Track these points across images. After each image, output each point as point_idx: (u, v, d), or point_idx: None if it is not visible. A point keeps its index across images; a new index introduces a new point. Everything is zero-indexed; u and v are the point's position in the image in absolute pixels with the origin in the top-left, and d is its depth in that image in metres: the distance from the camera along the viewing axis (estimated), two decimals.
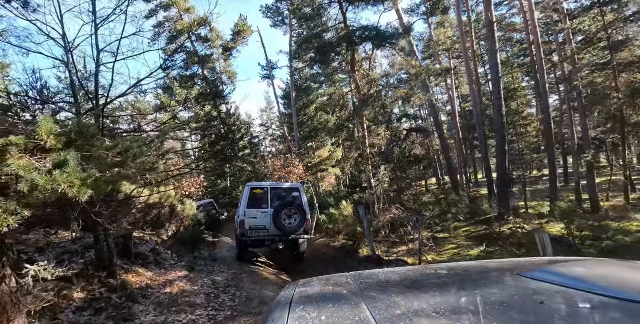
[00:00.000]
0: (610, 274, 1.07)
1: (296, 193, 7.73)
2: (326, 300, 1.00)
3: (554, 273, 1.04)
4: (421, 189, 15.11)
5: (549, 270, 1.12)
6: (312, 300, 1.01)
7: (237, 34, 22.66)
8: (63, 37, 5.36)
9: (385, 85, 12.53)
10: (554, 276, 0.98)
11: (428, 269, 1.45)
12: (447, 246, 9.05)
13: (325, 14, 16.27)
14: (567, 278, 0.96)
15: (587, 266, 1.24)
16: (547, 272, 1.06)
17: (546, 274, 1.02)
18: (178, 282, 5.37)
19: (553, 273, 1.03)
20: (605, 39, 11.13)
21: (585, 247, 8.10)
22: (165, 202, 9.33)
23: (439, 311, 0.80)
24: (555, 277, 0.97)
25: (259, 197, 7.49)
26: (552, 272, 1.06)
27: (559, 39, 17.03)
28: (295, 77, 24.45)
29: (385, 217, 7.83)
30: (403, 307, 0.85)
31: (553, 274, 1.02)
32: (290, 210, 7.28)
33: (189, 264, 6.71)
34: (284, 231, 7.09)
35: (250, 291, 5.12)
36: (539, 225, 10.48)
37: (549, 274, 1.02)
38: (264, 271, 6.89)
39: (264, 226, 7.25)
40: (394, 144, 10.65)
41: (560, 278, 0.96)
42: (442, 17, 23.94)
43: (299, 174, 17.14)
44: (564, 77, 15.58)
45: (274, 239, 7.26)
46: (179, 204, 9.30)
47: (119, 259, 5.47)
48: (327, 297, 1.04)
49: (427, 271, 1.39)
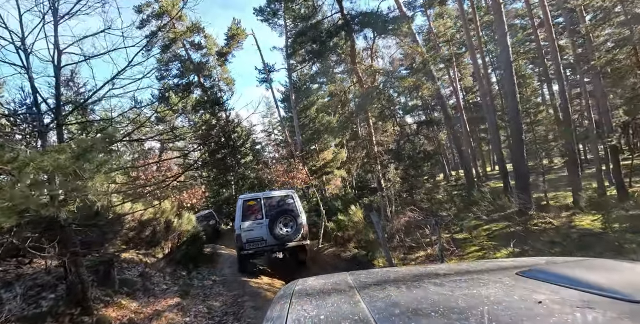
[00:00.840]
0: (610, 274, 1.06)
1: (290, 200, 7.69)
2: (325, 299, 1.00)
3: (553, 272, 1.04)
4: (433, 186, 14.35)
5: (548, 270, 1.11)
6: (311, 299, 1.02)
7: (231, 38, 22.09)
8: (22, 40, 4.73)
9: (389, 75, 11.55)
10: (553, 276, 0.98)
11: (427, 269, 1.45)
12: (469, 248, 8.20)
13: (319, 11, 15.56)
14: (567, 277, 0.95)
15: (586, 266, 1.23)
16: (546, 272, 1.06)
17: (545, 274, 1.02)
18: (167, 312, 4.63)
19: (552, 273, 1.03)
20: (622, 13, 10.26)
21: (626, 241, 7.19)
22: (161, 217, 8.66)
23: (437, 311, 0.81)
24: (555, 277, 0.96)
25: (253, 208, 7.47)
26: (551, 272, 1.06)
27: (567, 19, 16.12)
28: (294, 79, 23.80)
29: (399, 220, 7.05)
30: (402, 306, 0.85)
31: (552, 274, 1.02)
32: (285, 218, 7.23)
33: (183, 287, 5.97)
34: (281, 240, 7.07)
35: (250, 321, 4.36)
36: (567, 218, 9.58)
37: (548, 274, 1.02)
38: (268, 290, 6.13)
39: (260, 237, 7.20)
40: (405, 139, 9.76)
41: (559, 277, 0.96)
42: (440, 8, 23.21)
43: (303, 179, 16.41)
44: (576, 59, 14.65)
45: (272, 249, 7.24)
46: (175, 219, 8.61)
47: (99, 289, 4.75)
48: (327, 296, 1.04)
49: (426, 270, 1.39)
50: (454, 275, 1.23)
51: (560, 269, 1.14)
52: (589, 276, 0.99)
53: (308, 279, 1.31)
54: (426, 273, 1.32)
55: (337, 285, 1.15)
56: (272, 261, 8.50)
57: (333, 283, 1.19)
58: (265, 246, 7.17)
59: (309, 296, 1.06)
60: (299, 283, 1.25)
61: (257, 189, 18.41)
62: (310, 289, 1.15)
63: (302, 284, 1.23)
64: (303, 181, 16.64)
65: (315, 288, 1.17)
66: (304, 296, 1.06)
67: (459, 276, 1.20)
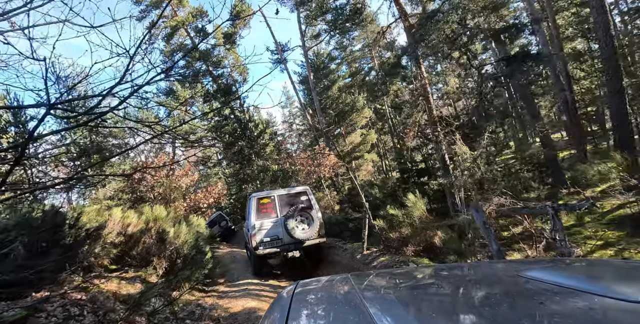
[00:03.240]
0: (611, 274, 1.04)
1: (304, 197, 7.43)
2: (326, 300, 1.00)
3: (554, 273, 1.02)
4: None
5: (548, 270, 1.08)
6: (312, 300, 1.01)
7: (237, 17, 19.83)
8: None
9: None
10: (553, 276, 0.95)
11: (428, 269, 1.44)
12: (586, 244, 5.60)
13: None
14: (567, 278, 0.94)
15: (587, 266, 1.22)
16: (547, 272, 1.03)
17: (546, 274, 0.99)
18: None
19: (553, 273, 1.00)
20: None
21: None
22: (153, 227, 6.68)
23: (438, 311, 0.81)
24: (555, 277, 0.94)
25: (267, 206, 7.17)
26: (552, 272, 1.03)
27: None
28: (310, 58, 21.31)
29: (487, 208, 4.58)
30: (404, 307, 0.84)
31: (553, 274, 0.99)
32: (301, 215, 6.97)
33: None
34: (298, 238, 6.78)
35: None
36: None
37: (549, 274, 0.98)
38: None
39: (276, 236, 6.93)
40: (488, 89, 6.70)
41: (560, 278, 0.93)
42: None
43: (331, 164, 14.13)
44: None
45: (288, 247, 6.91)
46: (172, 228, 6.59)
47: None
48: (327, 297, 1.03)
49: (427, 271, 1.37)
50: (456, 276, 1.21)
51: (562, 269, 1.12)
52: (590, 276, 0.98)
53: (309, 280, 1.26)
54: (427, 273, 1.31)
55: (338, 287, 1.14)
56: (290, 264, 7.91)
57: (335, 285, 1.18)
58: (282, 245, 6.87)
59: (310, 297, 1.04)
60: (299, 284, 1.19)
61: (281, 181, 16.40)
62: (312, 291, 1.12)
63: (303, 286, 1.17)
64: (331, 168, 14.36)
65: (316, 289, 1.15)
66: (305, 297, 1.03)
67: (461, 277, 1.19)
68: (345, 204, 13.91)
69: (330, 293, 1.06)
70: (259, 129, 19.41)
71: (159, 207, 7.09)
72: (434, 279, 1.18)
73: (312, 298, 1.02)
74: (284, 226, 6.78)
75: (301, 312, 0.87)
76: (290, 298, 0.99)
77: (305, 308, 0.90)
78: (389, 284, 1.13)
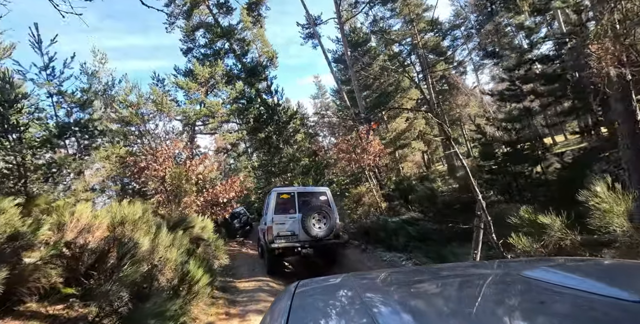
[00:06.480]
0: (613, 274, 1.03)
1: (323, 197, 7.56)
2: (327, 300, 0.98)
3: (555, 272, 0.99)
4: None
5: (549, 270, 1.05)
6: (312, 300, 0.99)
7: None
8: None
9: None
10: (554, 276, 0.93)
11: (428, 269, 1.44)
12: None
13: None
14: (568, 277, 0.91)
15: (587, 266, 1.19)
16: (548, 272, 1.00)
17: (547, 274, 0.96)
18: None
19: (554, 273, 0.98)
20: None
21: None
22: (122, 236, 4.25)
23: (439, 311, 0.80)
24: (556, 277, 0.91)
25: (287, 202, 7.26)
26: (552, 272, 1.00)
27: None
28: (347, 32, 18.41)
29: None
30: (405, 307, 0.82)
31: (554, 274, 0.96)
32: (319, 214, 6.99)
33: None
34: (313, 236, 6.80)
35: None
36: None
37: (550, 274, 0.96)
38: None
39: (292, 232, 7.02)
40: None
41: (561, 277, 0.90)
42: None
43: (375, 152, 11.28)
44: None
45: (303, 244, 6.87)
46: (146, 236, 4.12)
47: None
48: (329, 297, 1.01)
49: (427, 271, 1.36)
50: (457, 276, 1.20)
51: (563, 269, 1.11)
52: (591, 276, 0.96)
53: (310, 280, 1.22)
54: (429, 273, 1.30)
55: (339, 286, 1.14)
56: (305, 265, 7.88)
57: (335, 284, 1.18)
58: (297, 241, 6.92)
59: (311, 297, 1.03)
60: (300, 283, 1.15)
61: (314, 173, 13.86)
62: (313, 290, 1.11)
63: (304, 285, 1.13)
64: (377, 156, 11.51)
65: (317, 289, 1.14)
66: (306, 297, 1.01)
67: (462, 277, 1.18)
68: (396, 200, 11.01)
69: (332, 293, 1.07)
70: (288, 114, 16.88)
71: (135, 203, 4.62)
72: (435, 279, 1.15)
73: (313, 297, 1.02)
74: (301, 223, 6.82)
75: (302, 312, 0.84)
76: (290, 298, 0.95)
77: (306, 308, 0.89)
78: (390, 284, 1.11)
